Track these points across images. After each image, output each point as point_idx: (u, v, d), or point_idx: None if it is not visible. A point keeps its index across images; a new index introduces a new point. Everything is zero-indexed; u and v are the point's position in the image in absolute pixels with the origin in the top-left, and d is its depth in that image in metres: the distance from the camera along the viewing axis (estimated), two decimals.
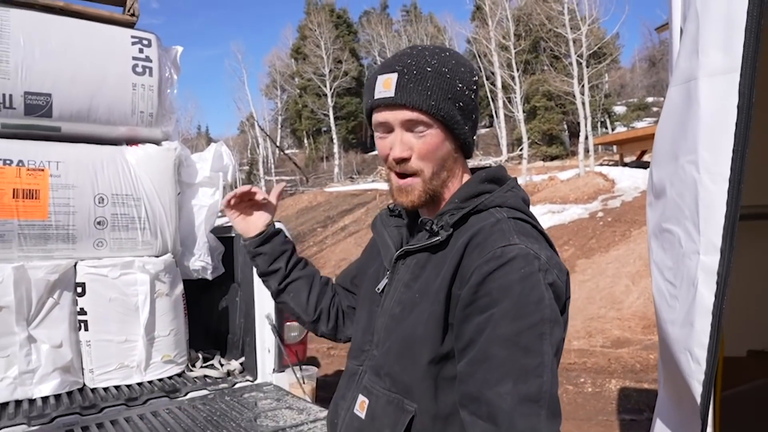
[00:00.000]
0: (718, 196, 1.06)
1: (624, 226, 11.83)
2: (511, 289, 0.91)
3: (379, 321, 1.11)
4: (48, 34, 2.18)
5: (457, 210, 1.03)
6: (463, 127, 1.03)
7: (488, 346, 0.92)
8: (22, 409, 1.95)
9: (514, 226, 0.99)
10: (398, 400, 1.03)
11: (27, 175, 2.09)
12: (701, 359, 1.14)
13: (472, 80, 1.04)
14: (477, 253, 0.96)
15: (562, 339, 0.97)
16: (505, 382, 0.90)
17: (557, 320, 0.94)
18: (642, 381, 5.28)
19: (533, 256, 0.94)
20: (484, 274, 0.93)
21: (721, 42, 1.09)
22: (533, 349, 0.90)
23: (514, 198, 1.06)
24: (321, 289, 1.33)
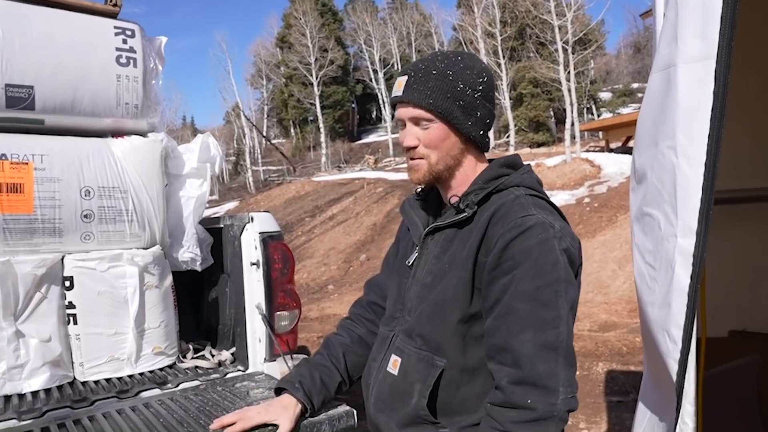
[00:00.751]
0: (694, 180, 1.09)
1: (610, 211, 11.94)
2: (531, 252, 1.07)
3: (412, 290, 1.27)
4: (28, 25, 2.15)
5: (481, 190, 1.19)
6: (465, 122, 1.19)
7: (511, 301, 1.07)
8: (12, 404, 1.95)
9: (531, 201, 1.16)
10: (429, 357, 1.18)
11: (10, 168, 2.07)
12: (677, 339, 1.19)
13: (478, 81, 1.19)
14: (500, 224, 1.12)
15: (576, 299, 1.12)
16: (526, 331, 1.04)
17: (571, 281, 1.09)
18: (628, 363, 5.37)
19: (548, 224, 1.10)
20: (507, 240, 1.09)
21: (699, 30, 1.11)
22: (550, 304, 1.05)
23: (529, 179, 1.24)
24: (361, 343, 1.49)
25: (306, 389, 1.41)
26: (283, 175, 35.60)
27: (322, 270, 12.88)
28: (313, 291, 10.95)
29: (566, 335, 1.06)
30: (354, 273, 12.20)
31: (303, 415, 1.43)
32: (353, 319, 1.55)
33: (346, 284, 11.41)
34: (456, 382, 1.18)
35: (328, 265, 13.20)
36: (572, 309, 1.10)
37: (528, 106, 30.14)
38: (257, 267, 2.27)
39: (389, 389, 1.24)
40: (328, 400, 1.46)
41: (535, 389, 1.02)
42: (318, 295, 10.62)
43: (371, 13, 40.23)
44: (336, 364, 1.45)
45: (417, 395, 1.18)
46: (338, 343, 1.49)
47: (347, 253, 13.74)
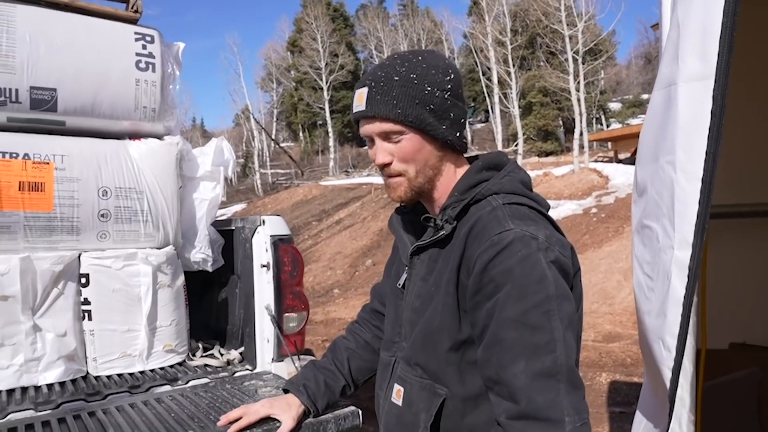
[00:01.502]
0: (691, 195, 1.14)
1: (617, 222, 11.94)
2: (512, 272, 0.97)
3: (404, 315, 1.20)
4: (53, 30, 2.23)
5: (458, 202, 1.09)
6: (439, 127, 1.08)
7: (497, 329, 0.98)
8: (29, 395, 2.01)
9: (509, 211, 1.05)
10: (430, 385, 1.11)
11: (32, 168, 2.14)
12: (672, 347, 1.22)
13: (445, 80, 1.09)
14: (477, 242, 1.03)
15: (574, 311, 1.01)
16: (517, 362, 0.95)
17: (565, 295, 0.99)
18: (632, 375, 5.38)
19: (529, 237, 0.99)
20: (485, 262, 0.99)
21: (698, 50, 1.16)
22: (541, 327, 0.95)
23: (510, 182, 1.11)
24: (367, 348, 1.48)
25: (310, 392, 1.45)
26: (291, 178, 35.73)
27: (328, 274, 12.93)
28: (319, 295, 11.00)
29: (565, 357, 0.95)
30: (360, 278, 12.25)
31: (306, 415, 1.48)
32: (360, 323, 1.54)
33: (351, 288, 11.45)
34: (459, 412, 1.10)
35: (334, 269, 13.26)
36: (570, 325, 0.98)
37: (537, 115, 30.15)
38: (267, 269, 2.32)
39: (396, 420, 1.19)
40: (333, 402, 1.49)
41: (536, 423, 0.93)
42: (323, 298, 10.67)
43: (382, 19, 40.43)
44: (340, 368, 1.46)
45: (422, 425, 1.10)
46: (344, 347, 1.50)
47: (353, 258, 13.79)
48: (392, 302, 1.29)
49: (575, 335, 1.01)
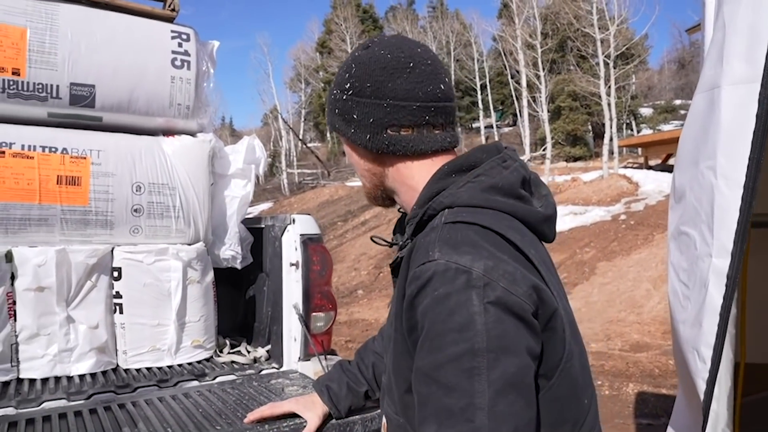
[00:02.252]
0: (732, 202, 1.11)
1: (647, 229, 11.73)
2: (427, 316, 0.79)
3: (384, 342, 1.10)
4: (93, 28, 2.28)
5: (414, 218, 0.95)
6: (347, 130, 0.99)
7: (414, 379, 0.83)
8: (62, 385, 2.06)
9: (444, 234, 0.85)
10: (404, 425, 0.97)
11: (70, 162, 2.19)
12: (707, 358, 1.19)
13: (344, 77, 0.98)
14: (407, 272, 0.88)
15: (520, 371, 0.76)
16: (429, 423, 0.78)
17: (502, 348, 0.75)
18: (660, 386, 5.27)
19: (455, 270, 0.78)
20: (410, 299, 0.84)
21: (745, 53, 1.13)
22: (457, 388, 0.75)
23: (470, 191, 0.90)
24: None
25: (332, 394, 1.44)
26: (318, 178, 35.94)
27: (352, 275, 12.97)
28: (343, 295, 11.04)
29: (489, 429, 0.73)
30: (384, 279, 12.26)
31: (331, 416, 1.48)
32: None
33: (375, 290, 11.47)
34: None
35: (359, 270, 13.29)
36: (511, 389, 0.75)
37: (566, 120, 29.79)
38: (296, 268, 2.33)
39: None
40: (357, 406, 1.46)
41: None
42: (347, 299, 10.71)
43: (411, 21, 40.42)
44: (364, 372, 1.44)
45: None
46: (372, 350, 1.45)
47: (378, 259, 13.81)
48: None
49: (526, 399, 0.77)
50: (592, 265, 10.35)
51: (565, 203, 15.35)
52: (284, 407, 1.49)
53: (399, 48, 0.97)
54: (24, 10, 2.16)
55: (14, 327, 2.07)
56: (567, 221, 13.55)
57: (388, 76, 0.94)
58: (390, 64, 0.95)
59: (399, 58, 0.95)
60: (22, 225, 2.11)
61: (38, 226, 2.14)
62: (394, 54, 0.96)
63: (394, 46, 0.97)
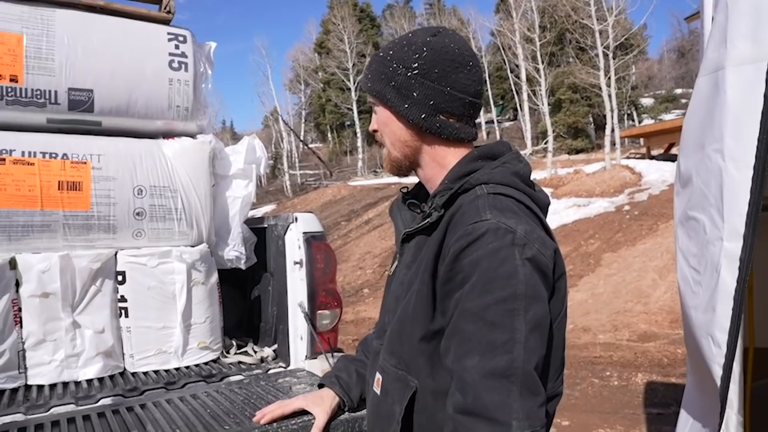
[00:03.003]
0: (742, 184, 1.09)
1: (651, 219, 11.68)
2: (479, 264, 0.93)
3: (388, 301, 1.20)
4: (89, 32, 2.27)
5: (447, 191, 1.07)
6: (400, 105, 1.08)
7: (458, 320, 0.95)
8: (69, 390, 2.05)
9: (491, 201, 1.00)
10: (404, 376, 1.08)
11: (71, 167, 2.19)
12: (722, 343, 1.17)
13: (413, 58, 1.06)
14: (454, 231, 1.00)
15: (546, 315, 0.95)
16: (471, 356, 0.91)
17: (535, 296, 0.93)
18: (669, 375, 5.25)
19: (505, 230, 0.94)
20: (456, 252, 0.96)
21: (750, 32, 1.12)
22: (501, 324, 0.90)
23: (502, 173, 1.06)
24: None
25: (342, 383, 1.44)
26: (320, 179, 35.96)
27: (357, 274, 12.96)
28: (349, 294, 11.03)
29: (523, 360, 0.89)
30: None
31: (341, 408, 1.46)
32: None
33: (381, 288, 11.45)
34: (430, 408, 1.06)
35: (364, 269, 13.28)
36: (538, 328, 0.93)
37: (567, 112, 29.73)
38: (300, 266, 2.32)
39: (375, 410, 1.18)
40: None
41: (482, 421, 0.89)
42: (353, 298, 10.70)
43: (409, 19, 40.37)
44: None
45: (396, 419, 1.08)
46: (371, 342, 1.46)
47: (383, 258, 13.79)
48: (386, 290, 1.28)
49: (544, 340, 0.94)
50: (597, 256, 10.32)
51: (569, 196, 15.30)
52: (293, 405, 1.49)
53: (463, 44, 1.10)
54: (20, 16, 2.15)
55: (20, 334, 2.07)
56: (570, 213, 13.51)
57: (453, 68, 1.06)
58: (457, 57, 1.07)
59: (463, 54, 1.08)
60: (24, 231, 2.11)
61: (41, 232, 2.13)
62: (460, 48, 1.08)
63: (459, 41, 1.10)
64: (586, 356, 5.97)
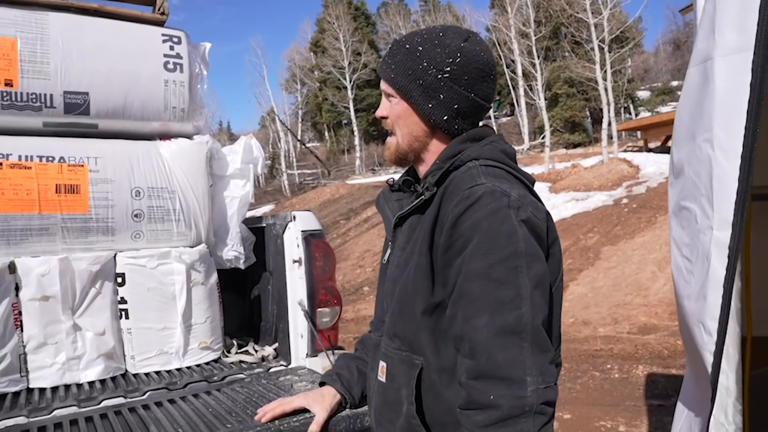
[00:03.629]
0: (730, 173, 1.11)
1: (649, 212, 11.70)
2: (479, 225, 0.96)
3: (386, 287, 1.20)
4: (84, 35, 2.28)
5: (438, 170, 1.10)
6: (424, 104, 1.10)
7: (463, 282, 0.96)
8: (71, 392, 2.06)
9: (483, 170, 1.05)
10: (408, 357, 1.09)
11: (68, 170, 2.19)
12: (713, 331, 1.19)
13: (446, 61, 1.08)
14: (449, 199, 1.03)
15: (545, 273, 0.98)
16: (480, 315, 0.92)
17: (535, 254, 0.96)
18: (669, 367, 5.27)
19: (501, 193, 0.98)
20: (456, 216, 0.99)
21: (736, 22, 1.13)
22: (507, 282, 0.92)
23: (490, 150, 1.11)
24: None
25: (344, 380, 1.45)
26: (318, 178, 35.94)
27: (357, 272, 12.98)
28: (349, 292, 11.04)
29: (531, 316, 0.91)
30: None
31: (342, 405, 1.47)
32: None
33: None
34: (436, 386, 1.06)
35: (364, 267, 13.29)
36: (540, 285, 0.95)
37: (563, 107, 29.73)
38: (299, 264, 2.34)
39: (382, 399, 1.17)
40: None
41: (496, 382, 0.89)
42: (353, 296, 10.71)
43: (404, 16, 40.33)
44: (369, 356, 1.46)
45: (405, 402, 1.08)
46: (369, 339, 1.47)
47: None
48: (381, 281, 1.29)
49: (546, 299, 0.97)
50: (596, 250, 10.34)
51: (567, 190, 15.32)
52: (293, 403, 1.50)
53: (490, 53, 1.14)
54: (14, 20, 2.16)
55: (21, 337, 2.08)
56: (569, 207, 13.53)
57: (481, 77, 1.11)
58: (485, 67, 1.11)
59: (489, 63, 1.13)
60: (23, 235, 2.11)
61: (39, 235, 2.14)
62: (488, 58, 1.13)
63: (487, 49, 1.14)
64: (587, 349, 5.98)
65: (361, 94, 39.08)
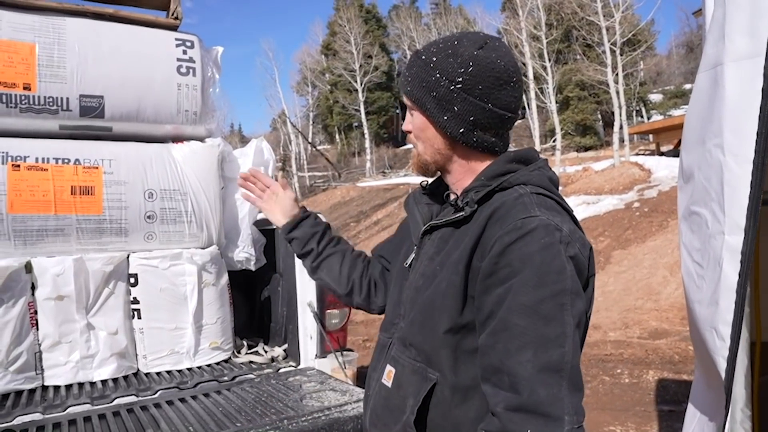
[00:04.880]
0: (742, 178, 1.10)
1: (661, 216, 11.62)
2: (532, 259, 0.94)
3: (406, 293, 1.16)
4: (99, 40, 2.31)
5: (483, 187, 1.06)
6: (439, 116, 1.07)
7: (508, 315, 0.94)
8: (85, 390, 2.10)
9: (536, 200, 1.02)
10: (422, 369, 1.07)
11: (83, 172, 2.23)
12: (726, 336, 1.18)
13: (458, 71, 1.04)
14: (498, 225, 0.99)
15: (585, 313, 0.97)
16: (525, 351, 0.91)
17: (579, 293, 0.95)
18: (680, 372, 5.22)
19: (554, 227, 0.96)
20: (505, 245, 0.96)
21: (747, 27, 1.13)
22: (554, 319, 0.91)
23: (539, 177, 1.08)
24: (352, 263, 1.42)
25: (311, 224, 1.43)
26: (329, 180, 36.04)
27: None
28: None
29: (572, 355, 0.91)
30: None
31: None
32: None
33: None
34: (447, 402, 1.05)
35: None
36: (579, 325, 0.95)
37: (575, 110, 29.62)
38: None
39: (383, 403, 1.15)
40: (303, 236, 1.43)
41: (536, 417, 0.89)
42: None
43: (415, 19, 40.37)
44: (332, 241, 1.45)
45: (408, 411, 1.07)
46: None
47: None
48: (397, 283, 1.25)
49: (581, 335, 0.97)
50: (607, 254, 10.28)
51: (578, 193, 15.25)
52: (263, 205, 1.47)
53: (509, 58, 1.08)
54: (32, 26, 2.20)
55: (37, 336, 2.11)
56: (580, 211, 13.47)
57: (498, 85, 1.05)
58: (502, 74, 1.05)
59: (509, 70, 1.06)
60: (39, 236, 2.15)
61: (55, 236, 2.18)
62: (506, 64, 1.06)
63: (506, 55, 1.08)
64: (597, 354, 5.95)
65: (372, 97, 39.15)
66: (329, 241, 1.44)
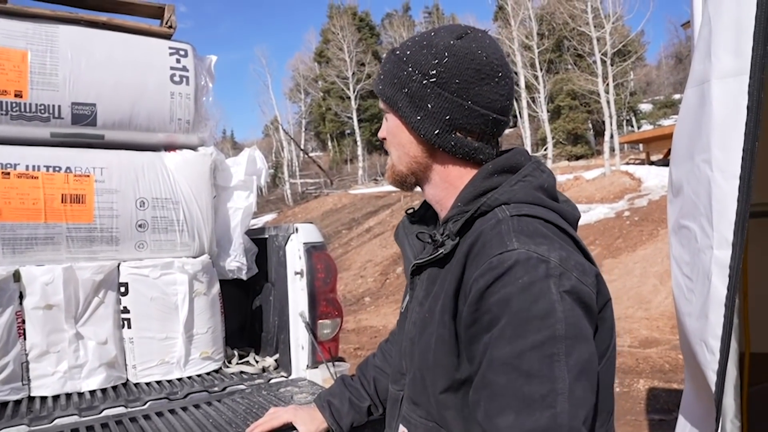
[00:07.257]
0: (729, 193, 1.12)
1: (651, 225, 11.71)
2: (509, 304, 0.79)
3: (404, 346, 1.05)
4: (92, 47, 2.31)
5: (461, 215, 0.92)
6: (412, 116, 0.93)
7: (486, 371, 0.81)
8: (73, 401, 2.07)
9: (515, 225, 0.86)
10: (436, 428, 0.95)
11: (74, 180, 2.22)
12: (715, 350, 1.20)
13: (432, 63, 0.91)
14: (475, 263, 0.85)
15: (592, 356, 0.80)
16: (504, 415, 0.77)
17: (578, 336, 0.78)
18: (671, 381, 5.26)
19: (537, 260, 0.80)
20: (482, 289, 0.82)
21: (732, 46, 1.15)
22: (538, 375, 0.76)
23: (524, 190, 0.91)
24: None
25: (333, 410, 1.38)
26: (321, 187, 36.03)
27: (359, 282, 12.97)
28: (350, 303, 11.04)
29: (569, 416, 0.74)
30: (390, 285, 12.26)
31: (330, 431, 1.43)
32: (390, 340, 1.41)
33: (382, 296, 11.46)
34: None
35: (365, 277, 13.29)
36: (583, 374, 0.78)
37: (566, 119, 29.85)
38: (301, 276, 2.35)
39: None
40: (359, 422, 1.38)
41: None
42: (355, 307, 10.71)
43: (408, 27, 40.58)
44: (366, 387, 1.39)
45: None
46: (372, 365, 1.41)
47: (384, 266, 13.81)
48: (400, 328, 1.12)
49: (593, 386, 0.79)
50: (597, 262, 10.28)
51: None
52: (282, 418, 1.43)
53: (494, 50, 0.93)
54: (24, 33, 2.19)
55: (24, 345, 2.09)
56: None
57: (478, 79, 0.91)
58: (484, 67, 0.91)
59: (492, 63, 0.92)
60: (28, 244, 2.13)
61: (44, 244, 2.16)
62: (489, 56, 0.92)
63: (489, 47, 0.93)
64: None
65: (365, 104, 39.25)
66: (368, 405, 1.38)
